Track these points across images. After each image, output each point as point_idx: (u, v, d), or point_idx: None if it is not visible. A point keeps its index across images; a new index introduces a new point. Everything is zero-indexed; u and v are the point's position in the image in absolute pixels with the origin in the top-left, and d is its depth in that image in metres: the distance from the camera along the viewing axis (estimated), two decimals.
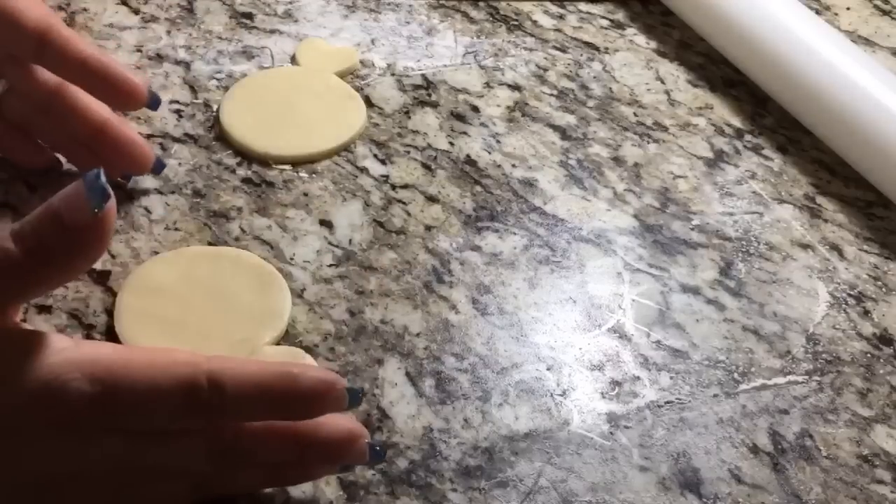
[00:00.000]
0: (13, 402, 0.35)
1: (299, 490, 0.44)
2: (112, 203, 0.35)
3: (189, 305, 0.50)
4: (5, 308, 0.37)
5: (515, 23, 0.71)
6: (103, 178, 0.35)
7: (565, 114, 0.64)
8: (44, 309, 0.50)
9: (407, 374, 0.49)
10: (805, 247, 0.57)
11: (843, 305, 0.54)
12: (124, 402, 0.35)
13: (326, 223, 0.56)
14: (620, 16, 0.73)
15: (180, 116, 0.61)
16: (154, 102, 0.52)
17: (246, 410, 0.37)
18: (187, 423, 0.37)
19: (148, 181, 0.57)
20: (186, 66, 0.65)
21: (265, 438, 0.38)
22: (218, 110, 0.61)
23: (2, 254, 0.35)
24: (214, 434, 0.38)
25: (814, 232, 0.58)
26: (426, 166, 0.60)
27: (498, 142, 0.62)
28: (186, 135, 0.60)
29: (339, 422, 0.40)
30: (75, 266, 0.37)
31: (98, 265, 0.52)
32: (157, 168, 0.55)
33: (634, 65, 0.69)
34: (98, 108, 0.51)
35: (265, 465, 0.40)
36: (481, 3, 0.72)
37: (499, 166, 0.60)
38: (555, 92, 0.66)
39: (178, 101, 0.62)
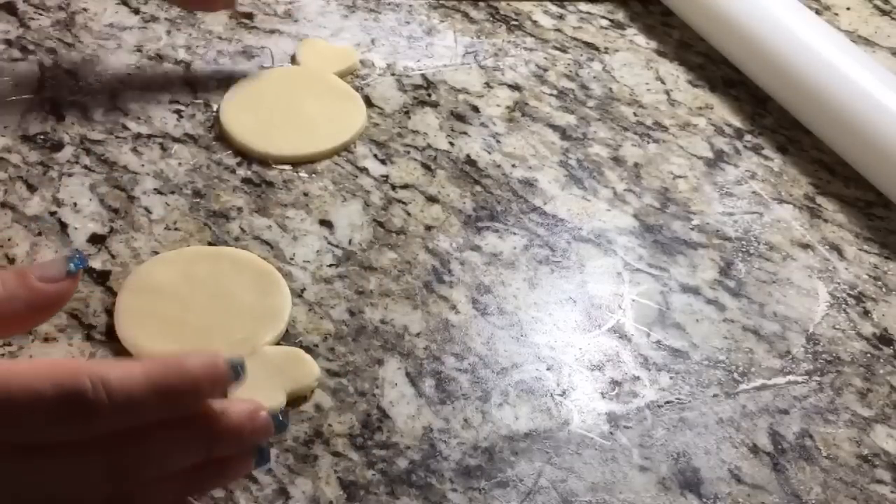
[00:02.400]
0: None
1: (299, 490, 0.44)
2: (79, 274, 0.38)
3: (189, 305, 0.50)
4: None
5: (515, 23, 0.71)
6: (84, 259, 0.39)
7: (565, 114, 0.64)
8: None
9: (407, 374, 0.49)
10: (805, 247, 0.57)
11: (843, 305, 0.54)
12: (2, 415, 0.33)
13: (326, 223, 0.56)
14: (620, 16, 0.73)
15: (180, 116, 0.61)
16: None
17: (136, 406, 0.35)
18: (73, 430, 0.34)
19: (148, 182, 0.57)
20: (186, 66, 0.65)
21: (170, 442, 0.36)
22: (218, 110, 0.61)
23: None
24: (113, 447, 0.35)
25: (814, 232, 0.58)
26: (426, 166, 0.60)
27: (498, 142, 0.62)
28: (186, 135, 0.60)
29: (235, 405, 0.38)
30: (25, 321, 0.38)
31: (98, 265, 0.52)
32: None
33: (634, 65, 0.69)
34: None
35: (177, 474, 0.38)
36: (481, 3, 0.72)
37: (499, 166, 0.60)
38: (555, 92, 0.66)
39: (178, 101, 0.62)
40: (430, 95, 0.65)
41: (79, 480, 0.35)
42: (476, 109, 0.64)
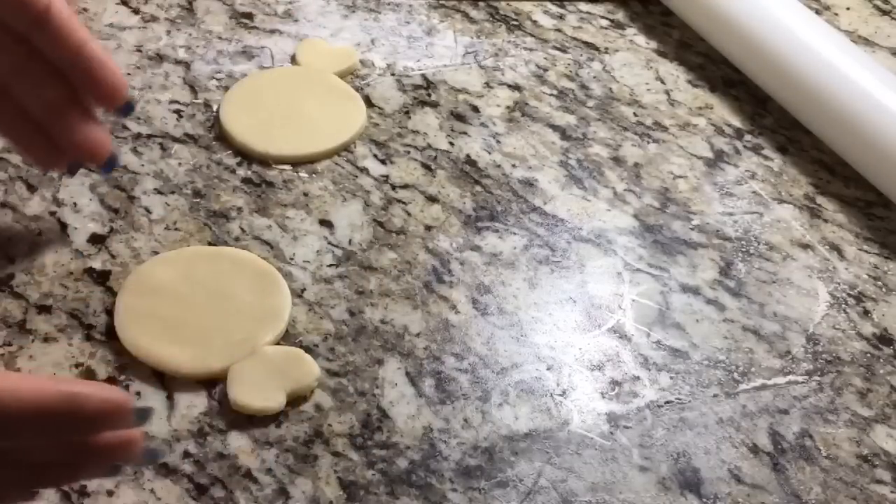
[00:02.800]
0: None
1: (299, 490, 0.44)
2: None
3: (189, 305, 0.50)
4: None
5: (515, 23, 0.71)
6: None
7: (565, 114, 0.64)
8: (44, 309, 0.50)
9: (407, 374, 0.49)
10: (805, 247, 0.57)
11: (843, 305, 0.54)
12: None
13: (326, 223, 0.56)
14: (620, 16, 0.73)
15: (180, 116, 0.61)
16: (128, 108, 0.48)
17: (23, 433, 0.35)
18: None
19: (148, 182, 0.57)
20: (186, 66, 0.65)
21: (37, 447, 0.36)
22: (218, 110, 0.61)
23: None
24: None
25: (814, 232, 0.58)
26: (426, 166, 0.60)
27: (498, 142, 0.62)
28: (186, 135, 0.60)
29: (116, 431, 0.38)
30: None
31: (98, 265, 0.52)
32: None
33: (634, 65, 0.69)
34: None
35: (30, 465, 0.37)
36: (481, 3, 0.72)
37: (499, 166, 0.60)
38: (555, 92, 0.66)
39: (178, 101, 0.62)
40: (430, 95, 0.65)
41: None
42: (476, 109, 0.64)
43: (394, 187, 0.58)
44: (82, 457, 0.37)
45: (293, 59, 0.66)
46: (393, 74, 0.66)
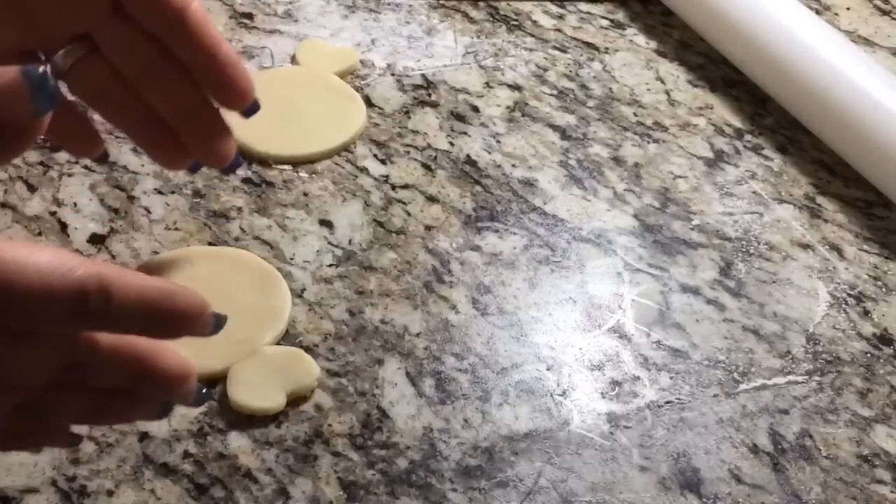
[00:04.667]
0: None
1: (299, 490, 0.44)
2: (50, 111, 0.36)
3: None
4: None
5: (515, 23, 0.71)
6: (51, 80, 0.36)
7: (565, 114, 0.64)
8: None
9: (407, 374, 0.49)
10: (805, 247, 0.57)
11: (843, 305, 0.54)
12: (15, 303, 0.34)
13: (326, 223, 0.56)
14: (620, 16, 0.73)
15: None
16: (254, 109, 0.48)
17: (126, 321, 0.37)
18: (67, 328, 0.36)
19: (148, 182, 0.57)
20: None
21: (112, 356, 0.38)
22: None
23: None
24: (70, 344, 0.37)
25: (814, 232, 0.58)
26: (426, 166, 0.60)
27: (498, 142, 0.62)
28: None
29: (176, 356, 0.39)
30: None
31: None
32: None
33: (634, 65, 0.69)
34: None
35: (96, 390, 0.39)
36: (481, 3, 0.72)
37: (499, 166, 0.60)
38: (555, 92, 0.66)
39: None
40: (430, 95, 0.65)
41: (30, 366, 0.36)
42: (476, 109, 0.64)
43: (394, 187, 0.58)
44: (143, 382, 0.38)
45: (293, 59, 0.66)
46: (393, 74, 0.66)
